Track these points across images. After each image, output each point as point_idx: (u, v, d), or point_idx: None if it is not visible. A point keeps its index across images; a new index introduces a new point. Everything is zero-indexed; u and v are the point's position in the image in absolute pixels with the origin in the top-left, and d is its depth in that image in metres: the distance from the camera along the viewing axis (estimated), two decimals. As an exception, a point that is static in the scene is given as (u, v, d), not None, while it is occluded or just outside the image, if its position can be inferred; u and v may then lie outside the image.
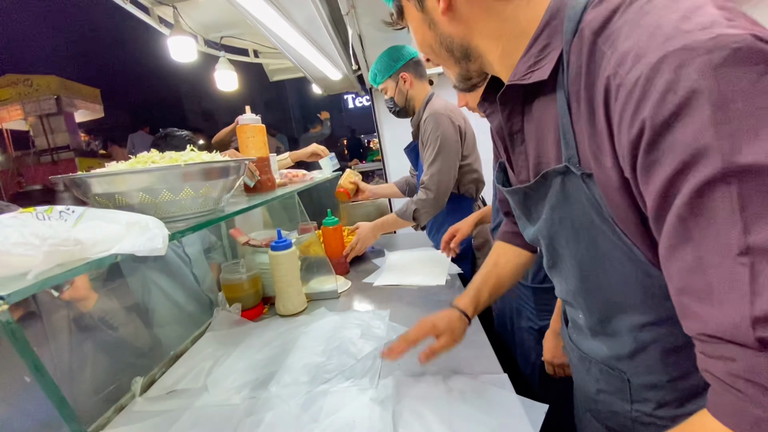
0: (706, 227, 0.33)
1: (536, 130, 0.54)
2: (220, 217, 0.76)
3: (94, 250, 0.47)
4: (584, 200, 0.48)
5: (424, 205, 1.59)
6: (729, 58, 0.31)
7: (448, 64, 0.60)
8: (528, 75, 0.49)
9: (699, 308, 0.34)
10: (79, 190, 0.68)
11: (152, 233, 0.51)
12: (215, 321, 1.23)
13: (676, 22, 0.34)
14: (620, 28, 0.39)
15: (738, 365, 0.32)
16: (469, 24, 0.53)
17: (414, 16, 0.57)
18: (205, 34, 2.75)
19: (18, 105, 6.10)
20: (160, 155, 0.80)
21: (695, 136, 0.32)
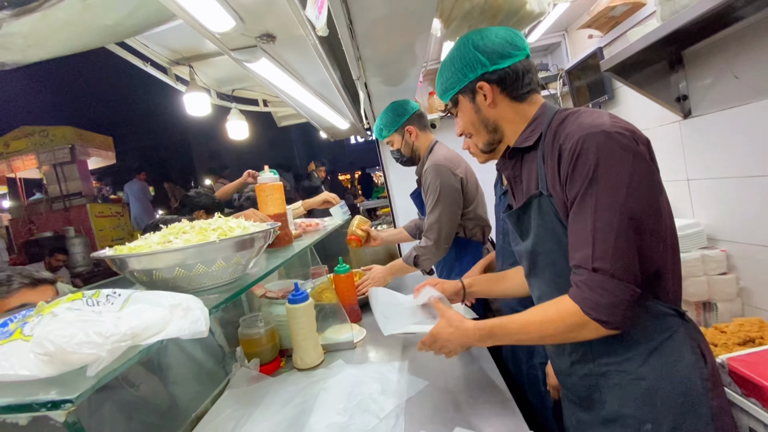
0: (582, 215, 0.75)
1: (527, 174, 0.91)
2: (249, 284, 0.79)
3: (144, 336, 0.50)
4: (551, 213, 0.83)
5: (425, 252, 1.64)
6: (605, 138, 0.73)
7: (481, 134, 0.96)
8: (522, 143, 0.90)
9: (575, 253, 0.76)
10: (117, 266, 0.72)
11: (194, 315, 0.54)
12: (234, 378, 1.23)
13: (589, 121, 0.77)
14: (567, 124, 0.82)
15: (582, 277, 0.74)
16: (499, 113, 0.92)
17: (466, 105, 0.94)
18: (218, 87, 2.90)
19: (33, 155, 6.32)
20: (190, 225, 0.84)
21: (583, 173, 0.74)
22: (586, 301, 0.73)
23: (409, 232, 2.08)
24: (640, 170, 0.73)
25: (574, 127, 0.78)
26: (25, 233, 6.14)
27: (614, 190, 0.72)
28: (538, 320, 0.81)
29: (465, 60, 0.89)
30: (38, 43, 1.32)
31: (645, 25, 1.51)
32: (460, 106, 0.95)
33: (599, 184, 0.72)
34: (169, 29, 1.99)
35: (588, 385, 0.87)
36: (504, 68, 0.87)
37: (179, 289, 0.74)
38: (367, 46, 1.11)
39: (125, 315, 0.53)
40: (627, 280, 0.71)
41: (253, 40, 1.03)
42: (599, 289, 0.72)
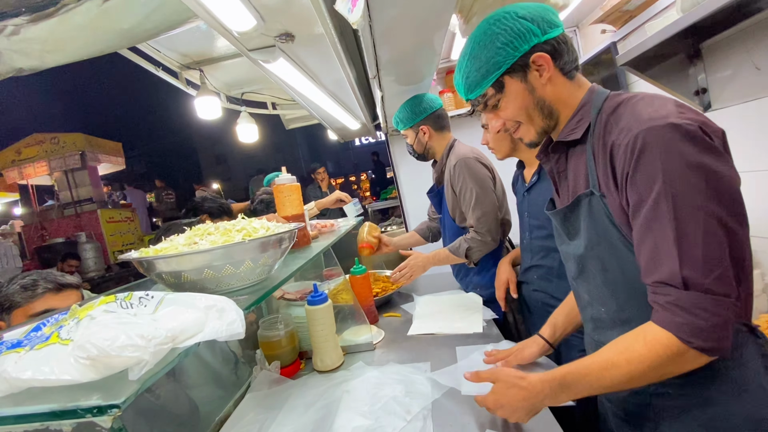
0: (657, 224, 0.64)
1: (574, 169, 0.82)
2: (277, 284, 0.78)
3: (182, 338, 0.49)
4: (603, 214, 0.74)
5: (478, 245, 1.60)
6: (672, 133, 0.63)
7: (535, 121, 0.83)
8: (569, 135, 0.81)
9: (654, 268, 0.65)
10: (144, 268, 0.71)
11: (230, 317, 0.53)
12: (256, 381, 1.22)
13: (650, 112, 0.66)
14: (621, 114, 0.72)
15: (671, 297, 0.63)
16: (555, 92, 0.80)
17: (516, 87, 0.80)
18: (228, 91, 2.91)
19: (44, 161, 6.40)
20: (215, 226, 0.83)
21: (651, 175, 0.64)
22: (683, 327, 0.61)
23: (422, 235, 2.06)
24: (719, 167, 0.62)
25: (630, 120, 0.67)
26: (37, 239, 6.22)
27: (694, 192, 0.61)
28: (624, 359, 0.65)
29: (512, 31, 0.76)
30: (56, 48, 1.32)
31: (663, 17, 1.48)
32: (506, 90, 0.80)
33: (674, 187, 0.61)
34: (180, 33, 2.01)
35: (640, 403, 0.78)
36: (556, 37, 0.76)
37: (207, 291, 0.73)
38: (385, 43, 1.09)
39: (160, 317, 0.52)
40: (725, 293, 0.60)
41: (272, 39, 1.03)
42: (696, 309, 0.60)
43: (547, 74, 0.78)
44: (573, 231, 0.83)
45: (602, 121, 0.74)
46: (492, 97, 0.82)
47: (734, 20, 1.51)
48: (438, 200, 1.85)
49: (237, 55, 2.40)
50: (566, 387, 0.72)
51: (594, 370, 0.69)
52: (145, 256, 0.71)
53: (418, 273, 1.76)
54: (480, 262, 1.69)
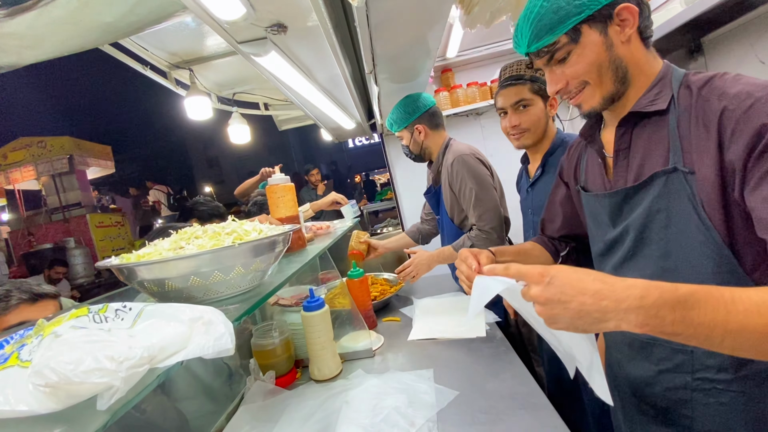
0: None
1: (645, 145, 0.73)
2: (270, 291, 0.72)
3: (162, 357, 0.43)
4: (683, 194, 0.66)
5: (481, 241, 1.54)
6: None
7: (605, 82, 0.73)
8: (648, 107, 0.72)
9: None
10: (125, 276, 0.65)
11: (217, 330, 0.47)
12: (249, 393, 1.15)
13: (764, 83, 0.61)
14: (722, 85, 0.65)
15: None
16: (633, 53, 0.72)
17: (594, 39, 0.71)
18: (219, 91, 2.84)
19: (31, 166, 6.26)
20: (203, 229, 0.77)
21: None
22: None
23: (412, 237, 2.01)
24: None
25: (744, 87, 0.61)
26: (24, 245, 6.07)
27: None
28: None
29: None
30: (34, 43, 1.25)
31: (666, 10, 1.45)
32: (582, 41, 0.71)
33: None
34: (168, 31, 1.94)
35: (676, 399, 0.73)
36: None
37: (193, 300, 0.67)
38: (382, 35, 1.04)
39: (138, 333, 0.46)
40: None
41: (263, 30, 0.97)
42: None
43: (630, 31, 0.69)
44: (627, 213, 0.75)
45: (692, 92, 0.67)
46: (563, 47, 0.72)
47: (736, 14, 1.48)
48: (435, 201, 1.80)
49: (228, 54, 2.34)
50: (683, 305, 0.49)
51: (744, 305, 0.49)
52: (125, 262, 0.65)
53: (422, 271, 1.72)
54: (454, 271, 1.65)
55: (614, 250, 0.80)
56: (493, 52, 2.81)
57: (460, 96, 2.73)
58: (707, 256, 0.65)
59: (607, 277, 0.54)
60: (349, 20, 1.27)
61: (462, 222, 1.66)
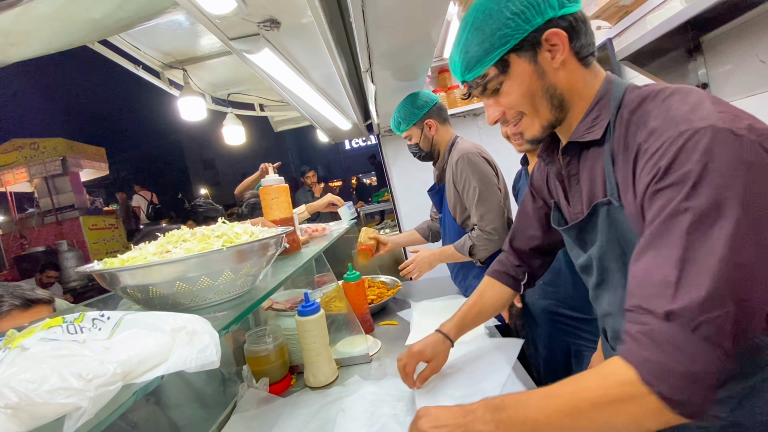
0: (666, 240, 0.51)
1: (589, 174, 0.71)
2: (262, 297, 0.69)
3: (139, 371, 0.40)
4: (624, 223, 0.64)
5: (483, 243, 1.52)
6: (712, 138, 0.50)
7: (541, 112, 0.71)
8: (585, 135, 0.69)
9: (639, 290, 0.52)
10: (107, 282, 0.61)
11: (202, 341, 0.44)
12: (242, 400, 1.12)
13: (685, 111, 0.54)
14: (649, 112, 0.60)
15: (646, 326, 0.49)
16: (570, 79, 0.68)
17: (524, 68, 0.68)
18: (213, 92, 2.81)
19: (23, 168, 6.18)
20: (192, 232, 0.74)
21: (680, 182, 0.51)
22: (648, 363, 0.48)
23: (422, 234, 1.98)
24: (762, 182, 0.49)
25: (661, 120, 0.56)
26: (16, 248, 5.98)
27: (722, 209, 0.48)
28: (569, 390, 0.54)
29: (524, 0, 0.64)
30: (20, 40, 1.22)
31: (665, 8, 1.43)
32: (511, 72, 0.68)
33: (699, 200, 0.49)
34: (161, 30, 1.91)
35: None
36: (573, 13, 0.64)
37: (180, 307, 0.63)
38: (378, 31, 1.01)
39: (115, 345, 0.43)
40: (720, 342, 0.46)
41: (255, 26, 0.94)
42: (671, 347, 0.47)
43: (561, 56, 0.65)
44: (590, 241, 0.74)
45: (623, 118, 0.63)
46: (493, 79, 0.69)
47: (736, 12, 1.47)
48: (439, 198, 1.77)
49: (222, 54, 2.31)
50: (501, 409, 0.58)
51: (537, 396, 0.57)
52: (107, 267, 0.61)
53: (424, 269, 1.70)
54: (460, 271, 1.63)
55: (587, 274, 0.80)
56: (491, 53, 2.79)
57: (457, 96, 2.71)
58: None
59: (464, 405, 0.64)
60: (344, 17, 1.24)
61: (464, 221, 1.64)
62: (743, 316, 0.47)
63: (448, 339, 1.02)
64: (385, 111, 1.96)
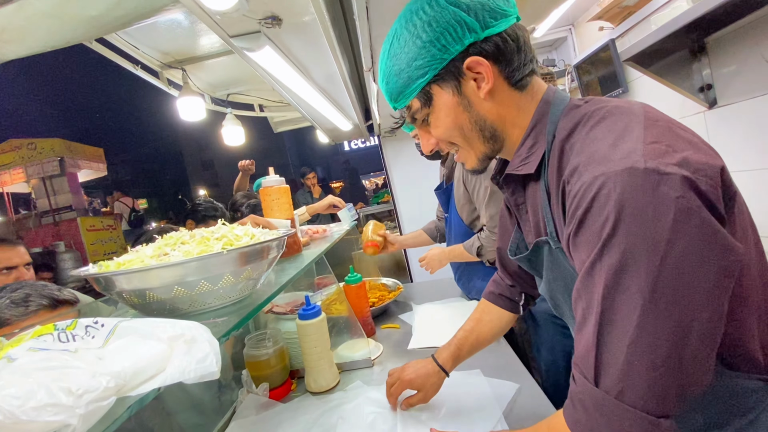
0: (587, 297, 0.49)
1: (532, 206, 0.66)
2: (263, 301, 0.66)
3: (134, 383, 0.37)
4: (566, 263, 0.60)
5: (491, 243, 1.50)
6: (630, 184, 0.44)
7: (474, 144, 0.65)
8: (520, 168, 0.62)
9: (577, 346, 0.51)
10: (102, 287, 0.59)
11: (201, 350, 0.42)
12: (242, 406, 1.09)
13: (606, 150, 0.48)
14: (575, 143, 0.54)
15: (579, 389, 0.50)
16: (500, 108, 0.62)
17: (447, 101, 0.61)
18: (212, 92, 2.78)
19: (20, 168, 6.13)
20: (191, 234, 0.71)
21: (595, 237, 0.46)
22: (579, 426, 0.49)
23: (429, 234, 1.95)
24: (690, 234, 0.42)
25: (583, 157, 0.50)
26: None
27: (637, 268, 0.43)
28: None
29: (439, 24, 0.56)
30: (15, 38, 1.19)
31: (671, 8, 1.42)
32: (434, 104, 0.62)
33: (612, 257, 0.44)
34: (160, 29, 1.88)
35: None
36: (500, 33, 0.57)
37: (178, 312, 0.61)
38: (382, 30, 0.99)
39: (109, 354, 0.40)
40: (645, 408, 0.44)
41: (256, 23, 0.92)
42: (598, 414, 0.47)
43: (487, 86, 0.58)
44: (541, 272, 0.71)
45: (557, 148, 0.56)
46: (418, 111, 0.64)
47: (741, 13, 1.45)
48: (446, 198, 1.75)
49: (221, 54, 2.29)
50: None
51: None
52: (102, 271, 0.59)
53: (435, 267, 1.70)
54: (481, 266, 1.60)
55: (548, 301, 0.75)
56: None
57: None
58: None
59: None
60: (346, 14, 1.22)
61: (473, 222, 1.62)
62: (677, 379, 0.44)
63: (443, 371, 0.95)
64: (386, 111, 1.94)
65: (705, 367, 0.45)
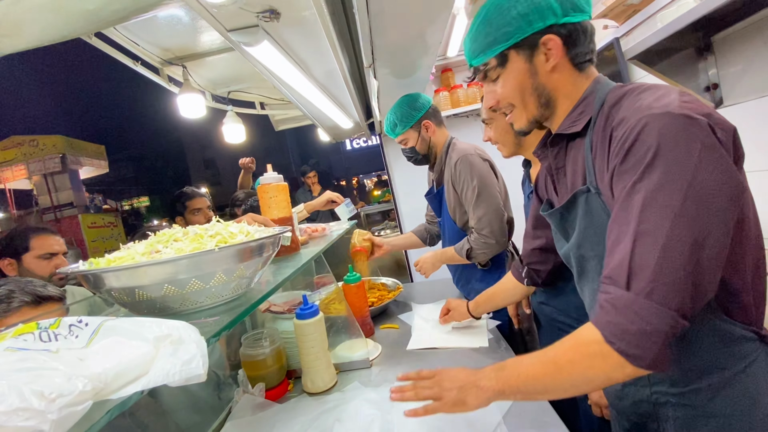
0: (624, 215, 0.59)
1: (572, 165, 0.77)
2: (257, 300, 0.65)
3: (116, 385, 0.36)
4: (601, 210, 0.69)
5: (480, 246, 1.50)
6: (669, 122, 0.56)
7: (529, 107, 0.77)
8: (569, 128, 0.74)
9: (608, 260, 0.60)
10: (91, 284, 0.57)
11: (188, 352, 0.40)
12: (237, 406, 1.07)
13: (650, 101, 0.61)
14: (623, 105, 0.65)
15: (610, 295, 0.58)
16: (559, 81, 0.74)
17: (519, 66, 0.73)
18: (213, 89, 2.77)
19: (22, 165, 6.13)
20: (184, 231, 0.70)
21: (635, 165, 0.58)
22: (610, 325, 0.57)
23: (419, 237, 1.93)
24: (712, 164, 0.55)
25: (629, 110, 0.62)
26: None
27: (671, 187, 0.55)
28: (552, 353, 0.63)
29: (531, 4, 0.69)
30: (11, 31, 1.17)
31: (677, 6, 1.39)
32: (508, 66, 0.74)
33: (651, 178, 0.56)
34: (160, 25, 1.87)
35: (642, 413, 0.76)
36: (575, 23, 0.70)
37: (168, 311, 0.59)
38: (382, 26, 0.97)
39: (92, 355, 0.39)
40: (669, 305, 0.53)
41: (254, 17, 0.90)
42: (628, 311, 0.55)
43: (554, 61, 0.71)
44: (570, 230, 0.78)
45: (605, 113, 0.68)
46: (493, 70, 0.76)
47: (748, 11, 1.43)
48: (438, 202, 1.73)
49: (222, 51, 2.27)
50: (502, 368, 0.68)
51: (530, 356, 0.67)
52: (91, 268, 0.57)
53: (429, 270, 1.69)
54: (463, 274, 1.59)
55: (570, 264, 0.84)
56: (495, 52, 2.75)
57: (460, 96, 2.67)
58: None
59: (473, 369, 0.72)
60: (346, 10, 1.20)
61: (465, 224, 1.60)
62: (694, 281, 0.54)
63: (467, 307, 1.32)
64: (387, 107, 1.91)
65: (714, 278, 0.56)
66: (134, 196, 9.65)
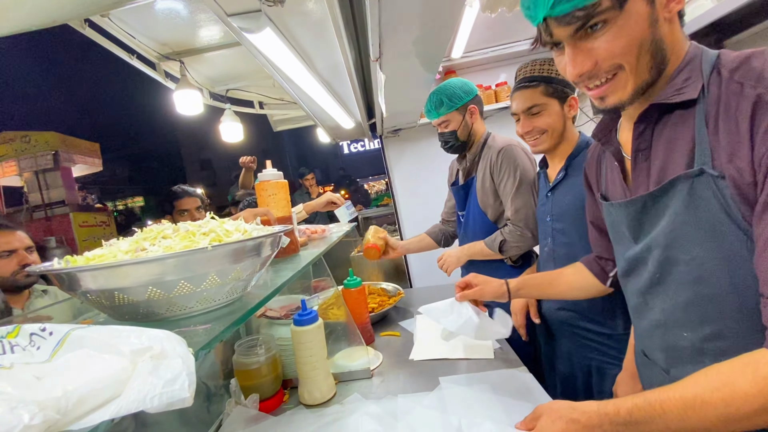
0: None
1: (666, 145, 0.62)
2: (254, 306, 0.58)
3: (78, 412, 0.29)
4: (714, 201, 0.55)
5: (516, 239, 1.45)
6: None
7: (640, 70, 0.59)
8: (675, 96, 0.59)
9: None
10: (66, 285, 0.50)
11: (172, 371, 0.33)
12: (229, 419, 1.00)
13: None
14: (760, 66, 0.52)
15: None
16: (673, 35, 0.60)
17: (641, 9, 0.56)
18: (211, 87, 2.70)
19: (13, 161, 6.01)
20: (174, 227, 0.63)
21: None
22: None
23: (434, 238, 1.87)
24: None
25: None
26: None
27: None
28: (720, 398, 0.48)
29: None
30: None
31: (694, 6, 1.35)
32: (626, 9, 0.55)
33: None
34: (158, 18, 1.80)
35: None
36: None
37: (154, 317, 0.52)
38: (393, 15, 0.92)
39: (53, 372, 0.32)
40: None
41: (257, 1, 0.84)
42: None
43: (677, 6, 0.57)
44: (648, 227, 0.64)
45: (722, 78, 0.55)
46: (605, 12, 0.55)
47: (762, 16, 1.40)
48: (464, 194, 1.66)
49: (222, 47, 2.21)
50: (633, 425, 0.54)
51: (675, 408, 0.51)
52: (66, 267, 0.50)
53: (453, 265, 1.64)
54: (494, 265, 1.53)
55: (638, 270, 0.70)
56: (499, 55, 2.72)
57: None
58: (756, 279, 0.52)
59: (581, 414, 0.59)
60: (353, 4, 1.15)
61: (498, 218, 1.56)
62: None
63: (506, 285, 1.04)
64: (393, 105, 1.85)
65: None
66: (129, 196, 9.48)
